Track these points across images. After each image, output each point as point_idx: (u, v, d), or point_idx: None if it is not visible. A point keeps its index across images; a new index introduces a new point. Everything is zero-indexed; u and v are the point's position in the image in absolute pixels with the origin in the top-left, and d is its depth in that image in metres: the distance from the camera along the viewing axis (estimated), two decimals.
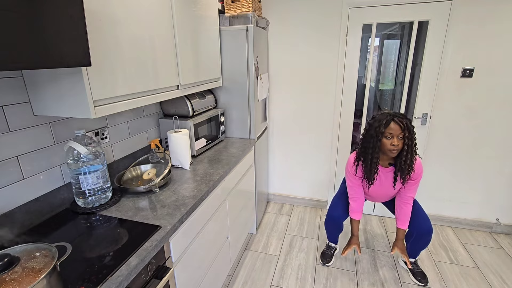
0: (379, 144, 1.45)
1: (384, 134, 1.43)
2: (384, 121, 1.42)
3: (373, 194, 1.73)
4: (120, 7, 1.01)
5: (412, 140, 1.42)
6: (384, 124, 1.42)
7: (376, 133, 1.44)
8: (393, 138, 1.42)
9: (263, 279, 1.88)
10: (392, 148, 1.42)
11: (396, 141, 1.41)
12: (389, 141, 1.43)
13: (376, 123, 1.46)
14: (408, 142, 1.42)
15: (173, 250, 1.07)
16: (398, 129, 1.40)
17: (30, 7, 0.67)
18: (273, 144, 2.72)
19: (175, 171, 1.54)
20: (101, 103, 0.98)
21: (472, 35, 1.98)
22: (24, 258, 0.68)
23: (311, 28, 2.28)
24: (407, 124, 1.40)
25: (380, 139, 1.44)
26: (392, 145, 1.41)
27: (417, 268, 1.86)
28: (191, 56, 1.54)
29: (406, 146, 1.43)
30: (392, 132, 1.41)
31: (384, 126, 1.42)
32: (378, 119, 1.46)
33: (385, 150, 1.46)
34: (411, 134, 1.41)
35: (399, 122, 1.40)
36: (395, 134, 1.41)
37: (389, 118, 1.42)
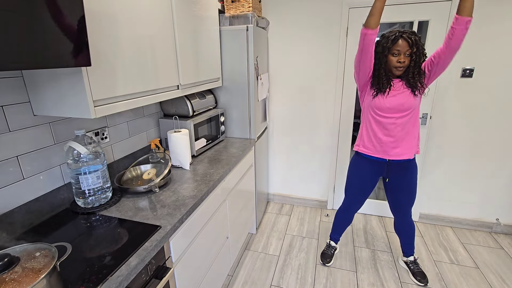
0: (385, 60, 1.42)
1: (391, 50, 1.40)
2: (392, 37, 1.39)
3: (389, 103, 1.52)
4: (120, 7, 1.01)
5: (420, 56, 1.38)
6: (392, 40, 1.39)
7: (383, 49, 1.42)
8: (400, 55, 1.39)
9: (263, 279, 1.88)
10: (398, 65, 1.39)
11: (402, 58, 1.38)
12: (395, 58, 1.40)
13: (384, 39, 1.43)
14: (416, 59, 1.39)
15: (173, 250, 1.07)
16: (406, 45, 1.37)
17: (30, 7, 0.67)
18: (273, 144, 2.72)
19: (175, 171, 1.54)
20: (101, 103, 0.98)
21: (472, 35, 1.98)
22: (24, 258, 0.68)
23: (311, 28, 2.29)
24: (415, 40, 1.36)
25: (386, 55, 1.41)
26: (398, 62, 1.39)
27: (417, 268, 1.86)
28: (191, 56, 1.54)
29: (413, 63, 1.39)
30: (399, 49, 1.38)
31: (392, 42, 1.39)
32: (387, 35, 1.43)
33: (390, 67, 1.43)
34: (419, 50, 1.38)
35: (407, 39, 1.36)
36: (402, 51, 1.38)
37: (398, 35, 1.38)
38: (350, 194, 1.84)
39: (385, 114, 1.53)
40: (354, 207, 1.87)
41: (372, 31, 1.34)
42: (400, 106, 1.50)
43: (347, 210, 1.91)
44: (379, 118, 1.56)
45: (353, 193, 1.82)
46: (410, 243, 1.87)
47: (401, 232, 1.86)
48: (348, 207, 1.89)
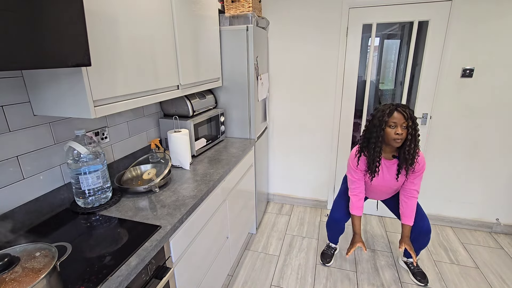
0: (382, 133, 1.45)
1: (387, 123, 1.43)
2: (387, 110, 1.43)
3: (376, 188, 1.71)
4: (120, 7, 1.01)
5: (415, 129, 1.42)
6: (387, 113, 1.42)
7: (380, 122, 1.44)
8: (397, 127, 1.42)
9: (263, 279, 1.88)
10: (396, 137, 1.42)
11: (400, 130, 1.41)
12: (393, 130, 1.43)
13: (379, 113, 1.46)
14: (412, 132, 1.41)
15: (173, 250, 1.07)
16: (402, 118, 1.40)
17: (30, 7, 0.67)
18: (273, 144, 2.72)
19: (175, 171, 1.54)
20: (101, 103, 0.98)
21: (472, 35, 1.98)
22: (24, 258, 0.68)
23: (311, 28, 2.29)
24: (410, 114, 1.41)
25: (383, 128, 1.44)
26: (396, 134, 1.41)
27: (417, 268, 1.86)
28: (191, 56, 1.54)
29: (409, 136, 1.42)
30: (395, 121, 1.41)
31: (388, 115, 1.42)
32: (381, 109, 1.46)
33: (389, 139, 1.45)
34: (414, 124, 1.41)
35: (402, 112, 1.41)
36: (398, 123, 1.41)
37: (392, 108, 1.43)
38: (338, 208, 1.85)
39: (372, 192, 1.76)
40: (343, 220, 1.85)
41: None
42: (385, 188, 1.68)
43: (337, 222, 1.87)
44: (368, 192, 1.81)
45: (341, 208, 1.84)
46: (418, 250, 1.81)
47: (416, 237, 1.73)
48: (337, 220, 1.85)
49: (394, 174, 1.60)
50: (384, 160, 1.58)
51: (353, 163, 1.64)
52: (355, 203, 1.71)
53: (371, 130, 1.50)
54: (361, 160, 1.61)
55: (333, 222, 1.87)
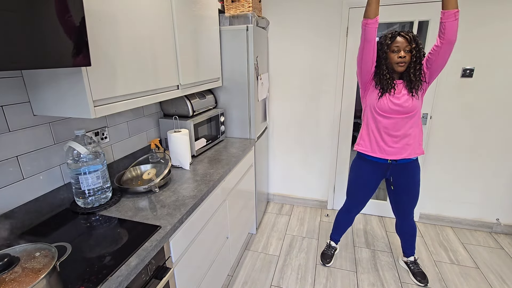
0: (385, 57, 1.45)
1: (390, 47, 1.44)
2: (389, 35, 1.44)
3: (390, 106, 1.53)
4: (120, 7, 1.01)
5: (419, 51, 1.42)
6: (390, 37, 1.43)
7: (382, 46, 1.45)
8: (400, 51, 1.42)
9: (263, 279, 1.88)
10: (399, 61, 1.42)
11: (403, 53, 1.41)
12: (395, 55, 1.43)
13: (382, 39, 1.47)
14: (416, 54, 1.41)
15: (173, 250, 1.07)
16: (404, 41, 1.41)
17: (30, 7, 0.67)
18: (273, 144, 2.72)
19: (175, 171, 1.54)
20: (101, 103, 0.98)
21: (472, 35, 1.98)
22: (24, 258, 0.68)
23: (311, 28, 2.28)
24: (413, 37, 1.40)
25: (386, 52, 1.44)
26: (399, 57, 1.42)
27: (417, 268, 1.86)
28: (191, 56, 1.54)
29: (414, 58, 1.42)
30: (398, 45, 1.42)
31: (390, 39, 1.43)
32: (385, 34, 1.47)
33: (392, 64, 1.46)
34: (418, 46, 1.41)
35: (405, 35, 1.41)
36: (401, 47, 1.41)
37: (395, 33, 1.44)
38: (352, 196, 1.83)
39: (387, 115, 1.54)
40: (356, 209, 1.86)
41: (371, 20, 1.37)
42: (402, 108, 1.51)
43: (348, 212, 1.90)
44: (380, 118, 1.56)
45: (354, 195, 1.81)
46: (411, 244, 1.86)
47: (402, 233, 1.86)
48: (350, 209, 1.88)
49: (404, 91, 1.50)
50: None
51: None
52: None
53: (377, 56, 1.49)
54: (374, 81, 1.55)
55: (346, 212, 1.90)
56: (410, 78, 1.47)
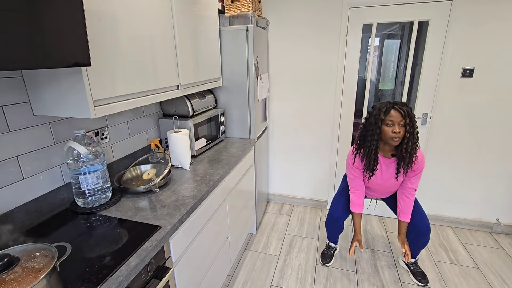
0: (379, 131, 1.43)
1: (384, 121, 1.41)
2: (384, 108, 1.41)
3: (375, 187, 1.70)
4: (120, 7, 1.01)
5: (413, 127, 1.40)
6: (384, 111, 1.40)
7: (376, 120, 1.43)
8: (394, 125, 1.40)
9: (263, 279, 1.88)
10: (394, 136, 1.40)
11: (397, 128, 1.39)
12: (390, 129, 1.41)
13: (376, 111, 1.44)
14: (410, 130, 1.39)
15: (173, 250, 1.07)
16: (399, 116, 1.39)
17: (30, 7, 0.67)
18: (273, 144, 2.72)
19: (175, 171, 1.54)
20: (101, 103, 0.98)
21: (472, 35, 1.98)
22: (24, 258, 0.68)
23: (311, 28, 2.28)
24: (407, 111, 1.39)
25: (380, 127, 1.43)
26: (394, 132, 1.39)
27: (417, 268, 1.86)
28: (191, 56, 1.54)
29: (407, 134, 1.40)
30: (393, 120, 1.39)
31: (384, 114, 1.40)
32: (378, 107, 1.44)
33: (386, 138, 1.44)
34: (412, 122, 1.39)
35: (399, 110, 1.39)
36: (396, 122, 1.39)
37: (389, 106, 1.41)
38: (337, 204, 1.86)
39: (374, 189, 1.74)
40: (342, 218, 1.84)
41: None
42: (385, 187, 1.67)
43: (334, 220, 1.87)
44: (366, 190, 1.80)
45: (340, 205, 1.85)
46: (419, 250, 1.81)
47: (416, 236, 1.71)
48: (336, 218, 1.85)
49: (393, 173, 1.59)
50: (382, 159, 1.58)
51: (351, 161, 1.65)
52: (355, 200, 1.71)
53: (368, 128, 1.48)
54: (358, 158, 1.61)
55: (332, 220, 1.88)
56: (402, 154, 1.46)
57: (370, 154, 1.51)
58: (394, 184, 1.65)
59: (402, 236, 1.68)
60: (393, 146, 1.51)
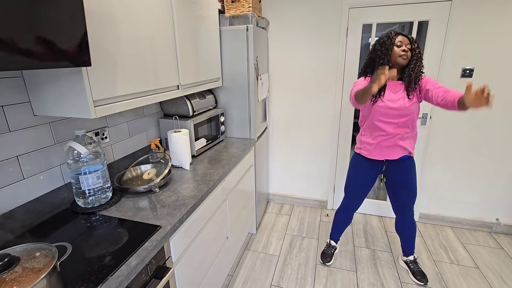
0: (390, 50, 1.49)
1: (394, 42, 1.50)
2: (393, 33, 1.51)
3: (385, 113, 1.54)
4: (120, 7, 1.01)
5: (419, 53, 1.49)
6: (394, 35, 1.51)
7: (386, 41, 1.51)
8: (402, 45, 1.49)
9: (263, 279, 1.88)
10: (403, 54, 1.48)
11: (405, 47, 1.48)
12: (399, 48, 1.49)
13: (385, 36, 1.53)
14: (417, 53, 1.49)
15: (173, 250, 1.07)
16: (406, 40, 1.50)
17: (30, 7, 0.67)
18: (273, 144, 2.72)
19: (175, 171, 1.54)
20: (101, 103, 0.98)
21: (472, 35, 1.98)
22: (24, 258, 0.68)
23: (311, 28, 2.29)
24: (413, 38, 1.50)
25: (390, 47, 1.49)
26: (403, 51, 1.48)
27: (417, 268, 1.86)
28: (191, 56, 1.54)
29: (415, 56, 1.49)
30: (401, 41, 1.49)
31: (394, 36, 1.50)
32: (386, 34, 1.54)
33: (395, 57, 1.50)
34: (418, 48, 1.50)
35: (406, 36, 1.50)
36: (404, 43, 1.49)
37: (397, 32, 1.51)
38: (350, 192, 1.86)
39: (384, 119, 1.58)
40: (354, 206, 1.88)
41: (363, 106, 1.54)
42: (398, 111, 1.55)
43: (346, 209, 1.92)
44: (378, 124, 1.60)
45: (352, 191, 1.84)
46: (410, 243, 1.87)
47: (402, 231, 1.86)
48: (347, 206, 1.90)
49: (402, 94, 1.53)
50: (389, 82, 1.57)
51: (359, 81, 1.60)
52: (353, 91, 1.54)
53: (377, 50, 1.54)
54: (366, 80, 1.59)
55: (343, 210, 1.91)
56: (409, 73, 1.50)
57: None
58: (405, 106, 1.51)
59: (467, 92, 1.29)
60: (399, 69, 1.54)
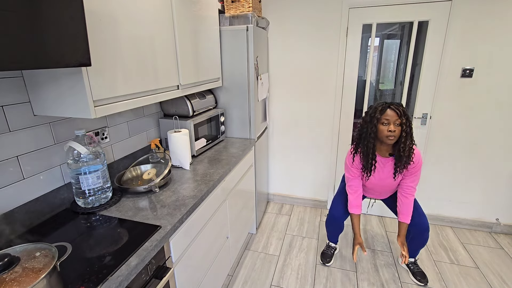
0: (375, 130, 1.46)
1: (380, 120, 1.44)
2: (380, 108, 1.45)
3: (373, 186, 1.71)
4: (120, 7, 1.01)
5: (409, 126, 1.43)
6: (380, 110, 1.44)
7: (372, 119, 1.46)
8: (389, 124, 1.43)
9: (263, 279, 1.88)
10: (389, 134, 1.43)
11: (393, 127, 1.42)
12: (385, 128, 1.44)
13: (372, 110, 1.48)
14: (406, 129, 1.43)
15: (173, 250, 1.07)
16: (395, 115, 1.42)
17: (30, 7, 0.67)
18: (273, 144, 2.72)
19: (175, 171, 1.54)
20: (101, 103, 0.98)
21: (472, 35, 1.98)
22: (24, 258, 0.68)
23: (311, 28, 2.29)
24: (403, 111, 1.42)
25: (376, 125, 1.45)
26: (389, 131, 1.42)
27: (417, 268, 1.86)
28: (191, 56, 1.54)
29: (404, 133, 1.43)
30: (388, 119, 1.43)
31: (380, 113, 1.44)
32: (374, 106, 1.49)
33: (382, 137, 1.46)
34: (408, 121, 1.42)
35: (395, 109, 1.42)
36: (391, 121, 1.42)
37: (385, 106, 1.45)
38: (337, 205, 1.86)
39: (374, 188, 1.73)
40: (342, 217, 1.84)
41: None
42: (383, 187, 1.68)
43: (335, 219, 1.87)
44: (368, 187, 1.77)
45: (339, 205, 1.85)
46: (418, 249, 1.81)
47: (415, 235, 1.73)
48: (335, 217, 1.86)
49: (390, 172, 1.60)
50: (380, 158, 1.59)
51: (349, 161, 1.66)
52: (353, 201, 1.71)
53: (364, 127, 1.52)
54: (356, 158, 1.62)
55: (332, 220, 1.88)
56: (399, 154, 1.48)
57: (367, 153, 1.53)
58: (392, 183, 1.65)
59: (402, 238, 1.67)
60: (389, 145, 1.53)
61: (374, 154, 1.53)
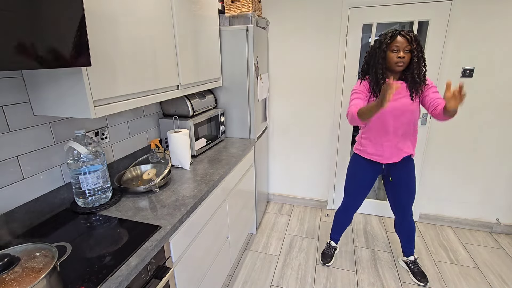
0: (384, 55, 1.42)
1: (389, 47, 1.41)
2: (390, 34, 1.41)
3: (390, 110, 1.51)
4: (120, 7, 1.01)
5: (421, 51, 1.39)
6: (390, 36, 1.40)
7: (381, 44, 1.42)
8: (399, 51, 1.40)
9: (263, 279, 1.88)
10: (398, 61, 1.40)
11: (402, 54, 1.39)
12: (395, 54, 1.40)
13: (381, 37, 1.44)
14: (418, 54, 1.39)
15: (173, 250, 1.07)
16: (405, 42, 1.38)
17: (30, 7, 0.67)
18: (273, 144, 2.72)
19: (175, 171, 1.54)
20: (101, 103, 0.98)
21: (472, 35, 1.98)
22: (24, 258, 0.68)
23: (311, 28, 2.29)
24: (414, 37, 1.38)
25: (385, 51, 1.41)
26: (398, 57, 1.39)
27: (417, 268, 1.86)
28: (191, 56, 1.54)
29: (415, 58, 1.40)
30: (398, 45, 1.39)
31: (390, 39, 1.40)
32: (384, 33, 1.44)
33: (391, 64, 1.43)
34: (419, 46, 1.39)
35: (405, 35, 1.38)
36: (401, 48, 1.39)
37: (395, 32, 1.40)
38: (350, 193, 1.85)
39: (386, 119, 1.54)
40: (354, 206, 1.88)
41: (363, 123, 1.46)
42: (399, 111, 1.51)
43: (346, 210, 1.91)
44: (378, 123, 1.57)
45: (352, 192, 1.83)
46: (410, 242, 1.87)
47: (401, 231, 1.86)
48: (348, 207, 1.89)
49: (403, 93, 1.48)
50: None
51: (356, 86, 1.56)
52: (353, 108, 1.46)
53: (372, 54, 1.47)
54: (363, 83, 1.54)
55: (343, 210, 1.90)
56: (414, 79, 1.44)
57: (377, 79, 1.46)
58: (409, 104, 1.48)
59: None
60: (397, 73, 1.47)
61: (384, 79, 1.46)
